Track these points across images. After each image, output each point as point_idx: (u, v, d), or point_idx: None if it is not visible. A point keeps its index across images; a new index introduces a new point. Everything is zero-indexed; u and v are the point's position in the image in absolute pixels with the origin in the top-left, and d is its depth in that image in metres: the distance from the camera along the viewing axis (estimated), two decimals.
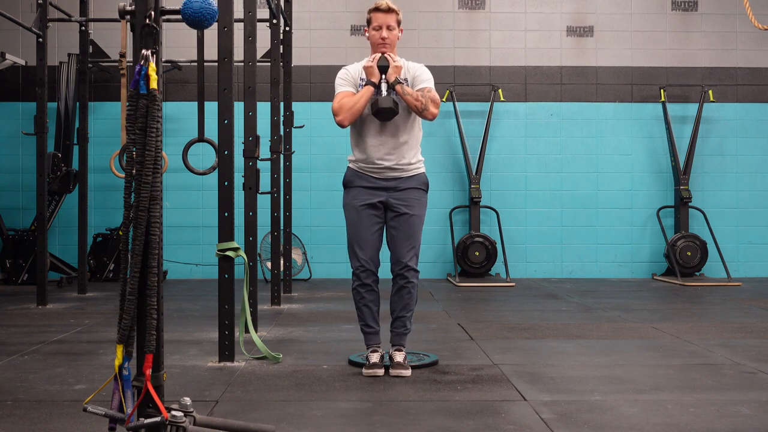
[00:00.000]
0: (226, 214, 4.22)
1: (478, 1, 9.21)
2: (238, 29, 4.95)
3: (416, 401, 3.41)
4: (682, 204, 8.88)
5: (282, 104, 6.87)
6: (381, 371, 3.89)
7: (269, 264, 7.94)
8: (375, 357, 3.95)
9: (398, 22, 4.03)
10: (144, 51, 2.43)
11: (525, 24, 9.25)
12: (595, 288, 8.09)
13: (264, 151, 6.16)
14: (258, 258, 6.33)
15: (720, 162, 9.23)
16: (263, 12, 7.52)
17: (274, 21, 6.28)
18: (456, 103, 8.93)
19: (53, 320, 5.74)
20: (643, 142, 9.22)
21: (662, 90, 9.00)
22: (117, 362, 2.40)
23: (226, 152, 4.24)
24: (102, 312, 6.14)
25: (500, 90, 8.98)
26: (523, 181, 9.18)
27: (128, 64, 7.39)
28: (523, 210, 9.16)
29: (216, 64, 4.47)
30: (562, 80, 9.22)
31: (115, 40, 8.21)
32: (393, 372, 3.88)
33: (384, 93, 3.95)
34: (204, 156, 7.80)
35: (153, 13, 2.45)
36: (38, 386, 3.65)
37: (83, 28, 7.58)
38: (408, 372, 3.89)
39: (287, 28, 7.04)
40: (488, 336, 5.07)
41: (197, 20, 2.49)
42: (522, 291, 7.78)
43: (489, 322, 5.67)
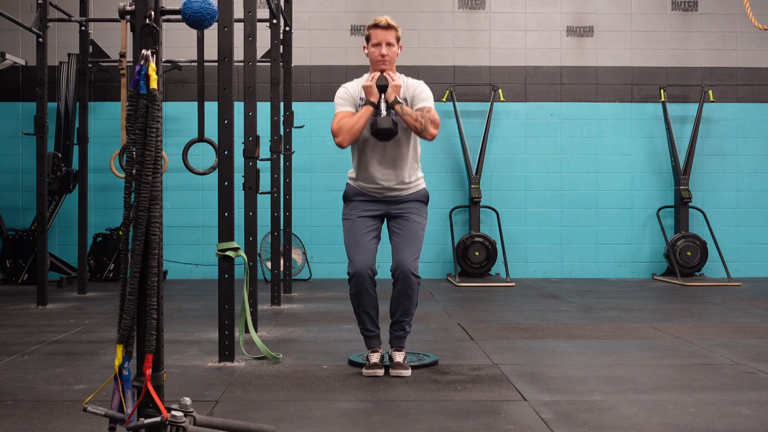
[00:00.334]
0: (226, 214, 4.22)
1: (478, 1, 9.21)
2: (238, 29, 4.95)
3: (416, 401, 3.41)
4: (682, 204, 8.88)
5: (282, 104, 6.87)
6: (381, 371, 3.89)
7: (269, 264, 7.94)
8: (375, 357, 3.96)
9: (397, 39, 3.99)
10: (144, 51, 2.43)
11: (525, 24, 9.25)
12: (595, 288, 8.09)
13: (264, 151, 6.16)
14: (258, 258, 6.33)
15: (720, 162, 9.23)
16: (263, 12, 7.52)
17: (274, 21, 6.28)
18: (456, 103, 8.93)
19: (53, 320, 5.74)
20: (643, 142, 9.22)
21: (662, 90, 9.00)
22: (117, 362, 2.40)
23: (226, 152, 4.25)
24: (102, 312, 6.14)
25: (500, 90, 8.98)
26: (523, 181, 9.18)
27: (128, 64, 7.39)
28: (523, 210, 9.16)
29: (216, 64, 4.47)
30: (562, 80, 9.22)
31: (115, 40, 8.21)
32: (393, 372, 3.88)
33: (383, 113, 3.90)
34: (204, 156, 7.80)
35: (153, 13, 2.46)
36: (38, 386, 3.65)
37: (83, 28, 7.58)
38: (408, 372, 3.90)
39: (287, 28, 7.04)
40: (488, 336, 5.07)
41: (197, 20, 2.49)
42: (522, 291, 7.78)
43: (489, 322, 5.67)
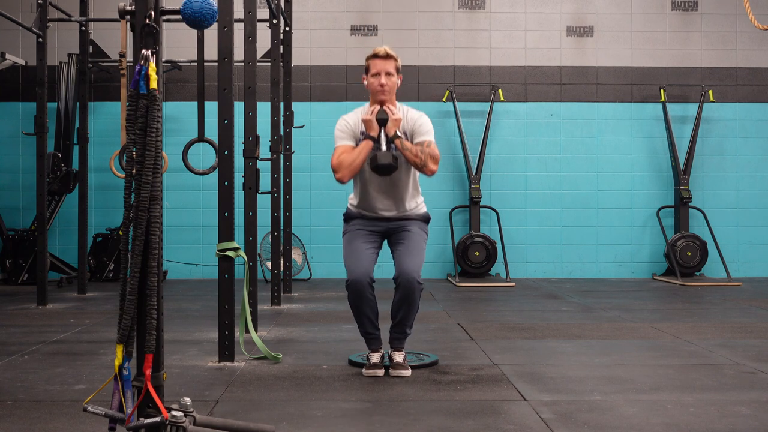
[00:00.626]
0: (226, 214, 4.22)
1: (478, 1, 9.21)
2: (238, 29, 4.95)
3: (416, 401, 3.41)
4: (682, 204, 8.88)
5: (282, 104, 6.87)
6: (381, 371, 3.89)
7: (269, 264, 7.94)
8: (375, 357, 3.96)
9: (397, 69, 3.97)
10: (144, 51, 2.43)
11: (525, 24, 9.24)
12: (595, 288, 8.09)
13: (264, 151, 6.16)
14: (258, 258, 6.33)
15: (720, 162, 9.23)
16: (263, 12, 7.52)
17: (274, 21, 6.28)
18: (456, 103, 8.93)
19: (53, 320, 5.74)
20: (643, 142, 9.22)
21: (662, 90, 9.00)
22: (117, 362, 2.40)
23: (226, 152, 4.25)
24: (102, 312, 6.14)
25: (500, 90, 8.98)
26: (523, 181, 9.18)
27: (128, 64, 7.39)
28: (523, 210, 9.16)
29: (216, 64, 4.47)
30: (562, 80, 9.22)
31: (115, 40, 8.21)
32: (393, 372, 3.88)
33: (383, 147, 3.86)
34: (204, 156, 7.80)
35: (153, 13, 2.46)
36: (38, 386, 3.65)
37: (83, 28, 7.57)
38: (408, 372, 3.90)
39: (287, 28, 7.04)
40: (488, 336, 5.07)
41: (197, 20, 2.49)
42: (522, 291, 7.78)
43: (489, 322, 5.67)
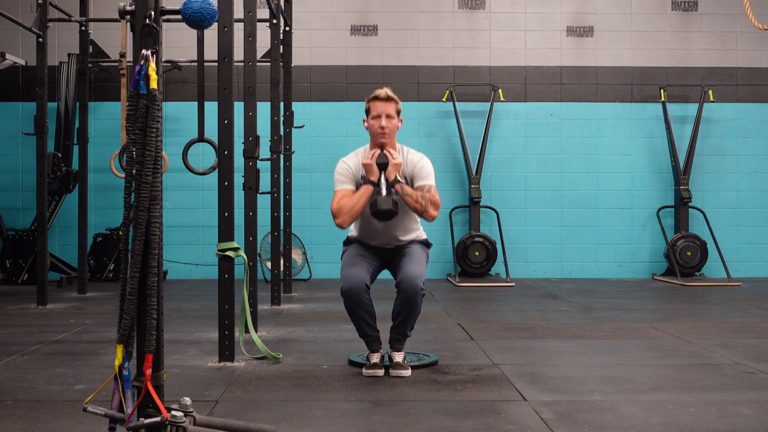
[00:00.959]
0: (226, 214, 4.22)
1: (478, 1, 9.21)
2: (238, 29, 4.95)
3: (416, 401, 3.41)
4: (682, 204, 8.88)
5: (282, 104, 6.87)
6: (381, 371, 3.89)
7: (269, 264, 7.94)
8: (375, 357, 3.96)
9: (398, 112, 3.96)
10: (144, 51, 2.43)
11: (525, 24, 9.24)
12: (595, 288, 8.09)
13: (264, 151, 6.16)
14: (258, 258, 6.33)
15: (720, 162, 9.23)
16: (263, 12, 7.52)
17: (274, 21, 6.28)
18: (456, 103, 8.92)
19: (53, 320, 5.74)
20: (643, 142, 9.22)
21: (662, 90, 9.00)
22: (117, 362, 2.40)
23: (226, 152, 4.25)
24: (102, 312, 6.14)
25: (500, 90, 8.98)
26: (523, 181, 9.17)
27: (128, 64, 7.38)
28: (523, 210, 9.16)
29: (216, 64, 4.47)
30: (562, 80, 9.22)
31: (115, 40, 8.21)
32: (393, 372, 3.88)
33: (383, 192, 3.83)
34: (204, 156, 7.80)
35: (153, 13, 2.46)
36: (38, 386, 3.65)
37: (83, 28, 7.58)
38: (408, 372, 3.90)
39: (287, 28, 7.04)
40: (488, 336, 5.07)
41: (197, 20, 2.49)
42: (522, 291, 7.78)
43: (489, 322, 5.67)
